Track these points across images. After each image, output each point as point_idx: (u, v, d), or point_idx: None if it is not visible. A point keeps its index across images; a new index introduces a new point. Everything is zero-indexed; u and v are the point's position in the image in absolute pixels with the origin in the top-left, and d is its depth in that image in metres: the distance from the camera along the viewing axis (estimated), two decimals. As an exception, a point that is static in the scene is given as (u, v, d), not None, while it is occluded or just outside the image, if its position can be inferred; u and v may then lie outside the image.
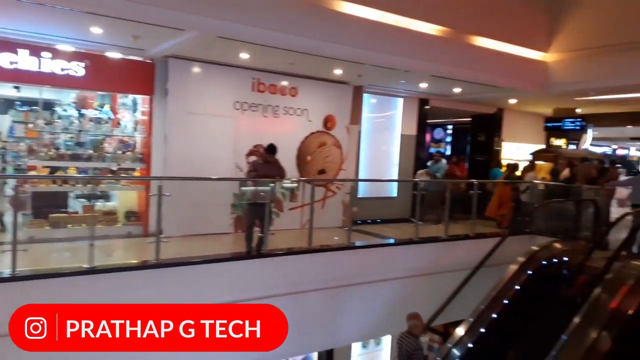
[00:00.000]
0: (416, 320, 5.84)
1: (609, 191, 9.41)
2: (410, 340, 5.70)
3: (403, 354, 5.73)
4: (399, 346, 5.83)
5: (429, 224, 8.90)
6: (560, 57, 9.54)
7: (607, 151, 26.75)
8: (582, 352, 5.72)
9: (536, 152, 13.50)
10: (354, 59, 7.87)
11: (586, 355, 5.68)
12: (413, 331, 5.78)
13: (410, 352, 5.62)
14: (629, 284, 6.33)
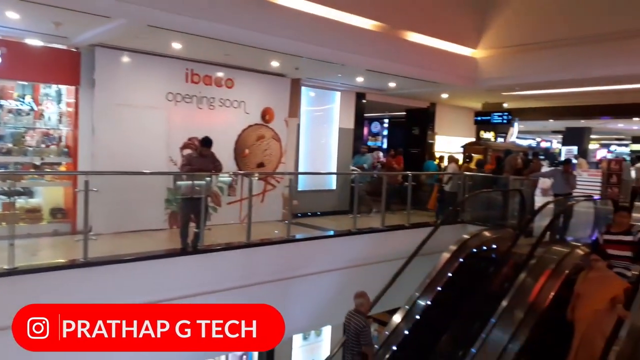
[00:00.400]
0: (363, 299, 5.91)
1: (532, 181, 10.01)
2: (357, 318, 5.77)
3: (351, 332, 5.79)
4: (347, 324, 5.89)
5: (364, 215, 9.09)
6: (488, 54, 9.99)
7: (531, 144, 28.45)
8: (510, 333, 6.07)
9: (467, 145, 14.09)
10: (291, 52, 7.82)
11: (513, 336, 6.03)
12: (360, 309, 5.85)
13: (358, 330, 5.69)
14: (550, 268, 6.78)
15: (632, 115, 15.31)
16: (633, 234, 5.85)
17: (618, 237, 5.91)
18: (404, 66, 9.09)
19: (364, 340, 5.62)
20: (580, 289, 5.28)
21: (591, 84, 10.26)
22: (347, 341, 5.81)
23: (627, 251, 5.83)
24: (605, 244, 5.99)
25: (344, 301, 7.73)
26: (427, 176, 11.78)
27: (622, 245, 5.86)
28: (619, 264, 5.76)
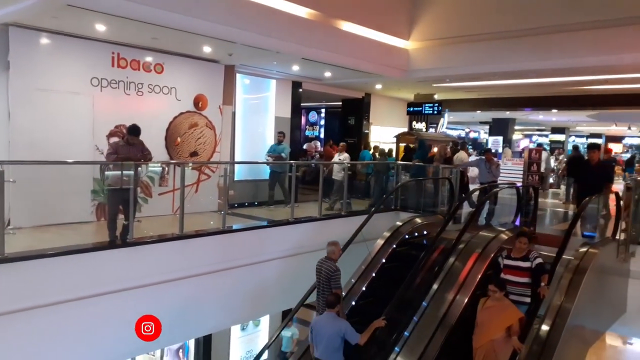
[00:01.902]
0: (335, 247, 6.46)
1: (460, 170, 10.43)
2: (329, 264, 6.27)
3: (322, 277, 6.27)
4: (319, 270, 6.37)
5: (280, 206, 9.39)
6: (419, 46, 10.25)
7: (461, 134, 29.73)
8: (440, 315, 6.32)
9: (400, 135, 14.46)
10: (223, 37, 7.60)
11: (443, 318, 6.29)
12: (331, 256, 6.38)
13: (330, 274, 6.17)
14: (477, 252, 7.12)
15: (551, 107, 16.35)
16: (530, 260, 5.86)
17: (516, 263, 5.90)
18: (339, 56, 9.13)
19: (334, 283, 6.14)
20: (479, 318, 5.31)
21: (516, 77, 10.83)
22: (319, 286, 6.35)
23: (525, 277, 5.82)
24: (505, 269, 5.97)
25: (283, 291, 7.78)
26: (363, 166, 11.97)
27: (520, 271, 5.84)
28: (517, 290, 5.76)
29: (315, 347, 5.74)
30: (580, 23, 8.20)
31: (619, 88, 12.14)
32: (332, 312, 5.70)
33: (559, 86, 12.20)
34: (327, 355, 5.60)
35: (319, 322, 5.78)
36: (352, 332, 5.61)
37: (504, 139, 22.36)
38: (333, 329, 5.58)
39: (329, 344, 5.57)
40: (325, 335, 5.60)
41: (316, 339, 5.71)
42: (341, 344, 5.61)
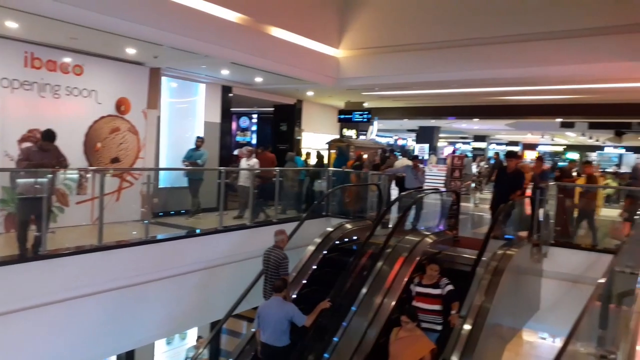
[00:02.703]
0: (283, 235, 6.76)
1: (389, 176, 10.71)
2: (277, 252, 6.55)
3: (270, 265, 6.51)
4: (267, 259, 6.58)
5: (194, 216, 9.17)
6: (349, 54, 10.45)
7: (390, 141, 30.59)
8: (369, 319, 6.41)
9: (331, 142, 14.62)
10: (148, 39, 7.32)
11: (372, 322, 6.38)
12: (280, 244, 6.66)
13: (278, 262, 6.45)
14: (404, 255, 7.31)
15: (473, 116, 17.23)
16: (441, 287, 5.84)
17: (427, 290, 5.87)
18: (269, 61, 9.10)
19: (283, 270, 6.44)
20: (392, 349, 5.31)
21: (441, 87, 11.30)
22: (267, 274, 6.57)
23: (436, 305, 5.78)
24: (417, 297, 5.91)
25: (211, 301, 7.56)
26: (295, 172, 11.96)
27: (431, 298, 5.81)
28: (428, 318, 5.73)
29: (262, 332, 5.79)
30: (501, 36, 8.69)
31: (533, 99, 13.02)
32: (279, 296, 5.84)
33: (481, 96, 12.89)
34: (274, 338, 5.69)
35: (265, 307, 5.88)
36: (299, 314, 5.76)
37: (430, 146, 23.28)
38: (280, 312, 5.70)
39: (276, 328, 5.67)
40: (272, 319, 5.70)
41: (263, 324, 5.78)
42: (288, 327, 5.73)
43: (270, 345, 5.73)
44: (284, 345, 5.75)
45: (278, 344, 5.72)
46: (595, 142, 28.98)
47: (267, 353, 5.79)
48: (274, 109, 14.55)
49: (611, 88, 10.27)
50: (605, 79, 9.30)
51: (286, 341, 5.76)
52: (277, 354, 5.74)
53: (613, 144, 29.43)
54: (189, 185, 9.78)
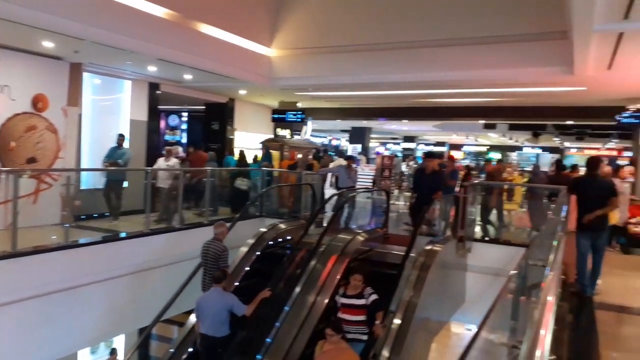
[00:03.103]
0: (223, 228, 6.83)
1: (322, 176, 10.80)
2: (217, 244, 6.61)
3: (210, 257, 6.56)
4: (206, 251, 6.61)
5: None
6: (281, 54, 10.40)
7: (324, 141, 30.87)
8: (302, 318, 6.43)
9: (265, 141, 14.52)
10: (67, 32, 6.90)
11: (305, 321, 6.41)
12: (219, 237, 6.71)
13: (218, 254, 6.51)
14: (336, 254, 7.40)
15: (403, 117, 17.78)
16: (365, 297, 5.77)
17: (351, 301, 5.77)
18: (199, 58, 8.86)
19: (223, 263, 6.51)
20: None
21: (373, 88, 11.55)
22: (206, 266, 6.59)
23: (361, 315, 5.71)
24: (342, 308, 5.80)
25: (138, 306, 7.26)
26: (228, 172, 11.77)
27: (355, 309, 5.73)
28: (353, 328, 5.66)
29: (201, 323, 5.79)
30: (429, 40, 9.01)
31: (459, 101, 13.66)
32: (218, 287, 5.86)
33: (410, 98, 13.32)
34: (213, 329, 5.70)
35: (205, 298, 5.90)
36: (239, 304, 5.82)
37: (362, 146, 23.77)
38: (220, 303, 5.74)
39: (215, 318, 5.69)
40: (211, 310, 5.71)
41: (202, 315, 5.78)
42: (228, 317, 5.77)
43: (210, 336, 5.72)
44: (224, 335, 5.77)
45: (217, 335, 5.72)
46: (515, 143, 30.87)
47: (207, 344, 5.78)
48: (205, 107, 14.21)
49: (528, 92, 10.98)
50: (523, 84, 9.92)
51: (226, 331, 5.78)
52: (217, 344, 5.76)
53: (531, 145, 31.49)
54: (106, 187, 9.11)
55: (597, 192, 5.94)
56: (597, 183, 6.09)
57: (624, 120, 10.26)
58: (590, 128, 19.09)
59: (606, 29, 5.58)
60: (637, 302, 5.84)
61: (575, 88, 9.50)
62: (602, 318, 5.13)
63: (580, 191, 6.09)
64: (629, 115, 10.16)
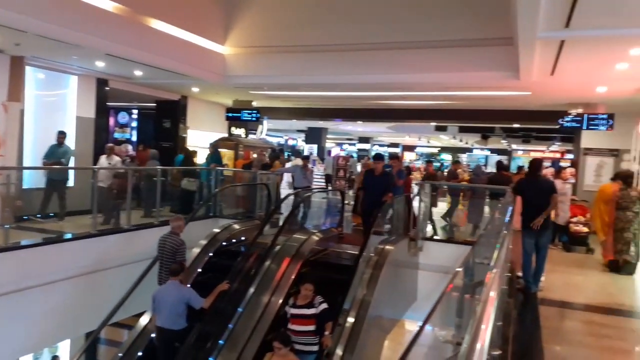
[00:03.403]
0: (180, 222, 6.79)
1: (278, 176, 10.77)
2: (174, 238, 6.57)
3: (166, 251, 6.50)
4: (162, 245, 6.56)
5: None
6: (235, 51, 10.25)
7: (280, 141, 30.76)
8: (256, 319, 6.38)
9: (218, 141, 14.31)
10: (7, 24, 6.54)
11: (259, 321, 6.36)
12: (176, 230, 6.67)
13: (175, 248, 6.47)
14: (291, 254, 7.39)
15: (358, 118, 17.94)
16: (315, 306, 5.68)
17: (302, 311, 5.66)
18: (149, 54, 8.60)
19: (180, 256, 6.45)
20: None
21: (328, 89, 11.59)
22: (162, 260, 6.54)
23: (311, 325, 5.60)
24: (292, 319, 5.68)
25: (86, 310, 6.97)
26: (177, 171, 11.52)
27: (305, 319, 5.61)
28: (303, 339, 5.56)
29: (157, 316, 5.77)
30: (382, 43, 9.12)
31: (411, 104, 13.92)
32: (175, 279, 5.84)
33: (364, 100, 13.47)
34: (170, 322, 5.68)
35: (162, 291, 5.88)
36: (196, 297, 5.82)
37: (318, 146, 23.86)
38: (177, 295, 5.72)
39: (172, 311, 5.67)
40: (168, 302, 5.68)
41: (159, 308, 5.75)
42: (185, 310, 5.76)
43: (167, 329, 5.69)
44: (181, 328, 5.75)
45: (174, 327, 5.69)
46: (465, 145, 31.86)
47: (163, 337, 5.75)
48: (156, 104, 13.83)
49: (478, 95, 11.34)
50: (472, 87, 10.24)
51: (183, 324, 5.77)
52: (174, 337, 5.75)
53: (480, 147, 32.59)
54: (48, 186, 8.65)
55: (540, 192, 6.22)
56: (539, 184, 6.37)
57: (566, 124, 10.75)
58: (536, 131, 19.99)
59: (549, 37, 5.84)
60: (578, 297, 6.14)
61: (521, 93, 9.91)
62: (545, 313, 5.35)
63: (524, 192, 6.34)
64: (570, 119, 10.66)
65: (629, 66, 7.21)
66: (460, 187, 10.31)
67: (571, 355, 4.20)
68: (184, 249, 6.59)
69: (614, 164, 11.69)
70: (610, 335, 4.79)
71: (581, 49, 6.64)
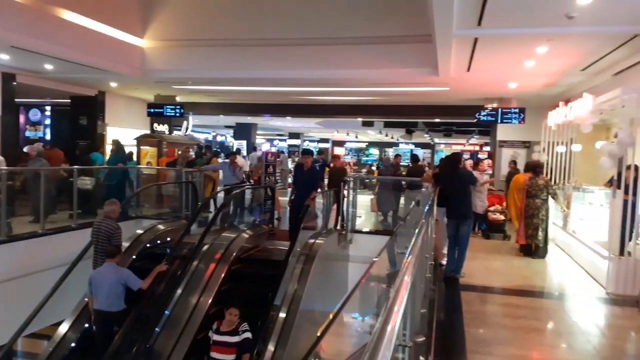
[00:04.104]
0: (115, 206, 6.65)
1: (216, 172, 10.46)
2: (108, 222, 6.42)
3: (101, 236, 6.34)
4: (97, 230, 6.40)
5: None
6: (155, 45, 9.83)
7: (208, 137, 30.05)
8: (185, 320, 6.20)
9: (141, 137, 13.72)
10: None
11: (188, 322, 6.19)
12: (111, 215, 6.54)
13: (110, 232, 6.33)
14: (220, 253, 7.25)
15: (286, 114, 17.90)
16: (239, 333, 5.24)
17: (224, 338, 5.21)
18: (60, 47, 8.04)
19: (116, 241, 6.33)
20: None
21: (253, 84, 11.40)
22: (97, 246, 6.39)
23: (232, 354, 5.17)
24: (213, 346, 5.25)
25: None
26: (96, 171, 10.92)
27: (227, 347, 5.19)
28: None
29: (95, 299, 5.71)
30: (305, 39, 9.13)
31: (338, 99, 14.09)
32: (112, 262, 5.84)
33: (292, 95, 13.44)
34: (108, 303, 5.66)
35: (98, 273, 5.83)
36: (134, 278, 5.84)
37: (248, 143, 23.55)
38: (115, 277, 5.71)
39: (110, 292, 5.66)
40: (106, 284, 5.66)
41: (96, 290, 5.70)
42: (123, 292, 5.76)
43: (105, 311, 5.66)
44: (119, 310, 5.76)
45: (113, 309, 5.69)
46: (392, 139, 32.83)
47: (102, 319, 5.72)
48: (70, 100, 13.00)
49: (401, 91, 11.69)
50: (395, 83, 10.52)
51: (121, 306, 5.77)
52: (112, 319, 5.76)
53: (405, 141, 33.72)
54: None
55: (460, 183, 6.54)
56: (459, 176, 6.70)
57: (482, 118, 11.35)
58: (456, 125, 20.99)
59: (463, 34, 6.14)
60: (496, 282, 6.51)
61: (441, 88, 10.34)
62: (467, 298, 5.63)
63: (446, 183, 6.63)
64: (486, 113, 11.26)
65: (536, 63, 7.75)
66: (387, 179, 10.58)
67: (490, 337, 4.43)
68: (120, 233, 6.43)
69: (526, 155, 12.53)
70: (525, 315, 5.12)
71: (493, 46, 7.03)
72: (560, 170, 9.30)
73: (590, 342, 4.38)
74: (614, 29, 5.83)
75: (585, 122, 7.35)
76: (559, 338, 4.64)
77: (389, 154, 33.60)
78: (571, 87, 9.74)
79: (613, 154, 5.89)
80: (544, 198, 7.59)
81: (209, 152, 14.33)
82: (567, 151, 8.97)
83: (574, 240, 7.79)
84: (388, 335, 1.15)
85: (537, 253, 7.66)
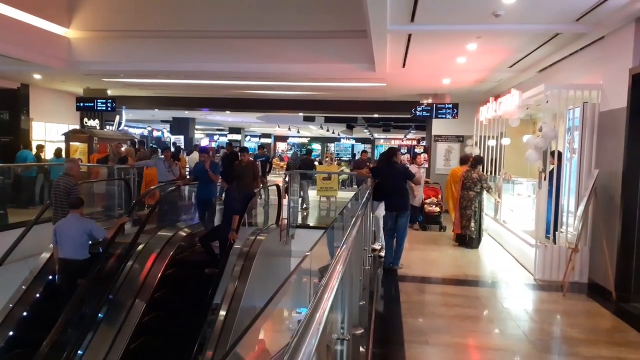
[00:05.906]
0: (72, 163, 7.01)
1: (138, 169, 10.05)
2: (67, 179, 6.68)
3: (60, 192, 6.59)
4: (56, 187, 6.65)
5: None
6: (83, 35, 9.26)
7: (144, 132, 28.94)
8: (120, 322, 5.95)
9: (70, 133, 12.99)
10: None
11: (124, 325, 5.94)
12: (69, 172, 6.79)
13: (69, 189, 6.56)
14: (156, 251, 7.01)
15: (226, 108, 17.55)
16: None
17: None
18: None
19: (74, 195, 6.48)
20: None
21: (188, 77, 11.03)
22: (57, 202, 6.63)
23: None
24: None
25: None
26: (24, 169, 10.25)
27: None
28: None
29: (59, 249, 5.95)
30: (239, 31, 8.92)
31: (279, 94, 13.98)
32: (76, 212, 6.07)
33: (230, 89, 13.16)
34: (73, 252, 5.91)
35: (63, 222, 6.04)
36: (98, 228, 6.19)
37: (185, 138, 22.91)
38: (79, 226, 5.98)
39: (75, 242, 5.93)
40: (71, 234, 5.93)
41: (61, 240, 5.94)
42: (87, 241, 6.06)
43: (70, 260, 5.90)
44: (84, 258, 6.01)
45: (79, 257, 5.94)
46: (333, 135, 33.12)
47: (67, 268, 5.93)
48: (-11, 94, 12.09)
49: (340, 87, 11.78)
50: (334, 78, 10.58)
51: (86, 254, 6.03)
52: (77, 267, 5.95)
53: (346, 136, 34.12)
54: None
55: (396, 177, 6.69)
56: (395, 170, 6.84)
57: (418, 113, 11.65)
58: (394, 121, 21.50)
59: (397, 30, 6.24)
60: (433, 272, 6.71)
61: (377, 84, 10.51)
62: (405, 289, 5.76)
63: (382, 177, 6.75)
64: (421, 109, 11.57)
65: (467, 60, 8.04)
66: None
67: (427, 326, 4.55)
68: (77, 190, 6.73)
69: (459, 149, 13.02)
70: (460, 304, 5.31)
71: (426, 42, 7.21)
72: (491, 162, 9.74)
73: (519, 327, 4.60)
74: (537, 27, 6.13)
75: (513, 116, 7.73)
76: (491, 324, 4.85)
77: (332, 149, 33.93)
78: (501, 83, 10.20)
79: (538, 147, 6.22)
80: (477, 190, 7.91)
81: (142, 148, 13.82)
82: (497, 145, 9.40)
83: (505, 230, 8.19)
84: (316, 323, 1.13)
85: (471, 243, 7.98)
